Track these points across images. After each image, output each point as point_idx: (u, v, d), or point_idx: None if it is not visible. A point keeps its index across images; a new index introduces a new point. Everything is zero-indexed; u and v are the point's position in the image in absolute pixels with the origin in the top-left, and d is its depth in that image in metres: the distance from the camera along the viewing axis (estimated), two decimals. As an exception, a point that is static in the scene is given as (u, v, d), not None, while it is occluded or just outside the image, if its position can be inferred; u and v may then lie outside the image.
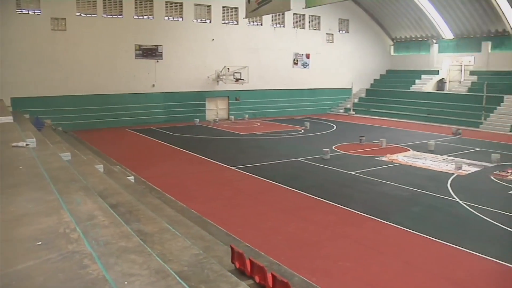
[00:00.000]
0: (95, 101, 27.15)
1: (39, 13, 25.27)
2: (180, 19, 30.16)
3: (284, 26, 34.54)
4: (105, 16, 27.44)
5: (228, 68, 31.13)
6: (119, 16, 27.92)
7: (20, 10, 24.81)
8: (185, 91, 30.45)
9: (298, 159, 18.01)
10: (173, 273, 2.81)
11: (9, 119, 9.19)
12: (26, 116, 18.23)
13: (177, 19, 30.09)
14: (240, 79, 31.07)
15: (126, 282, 2.51)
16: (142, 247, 3.16)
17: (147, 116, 29.00)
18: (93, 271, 2.38)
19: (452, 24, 34.62)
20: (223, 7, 31.71)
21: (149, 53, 28.93)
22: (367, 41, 39.06)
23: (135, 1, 28.39)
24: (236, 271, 6.00)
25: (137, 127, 27.23)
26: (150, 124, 28.18)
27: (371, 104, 35.92)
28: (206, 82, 31.38)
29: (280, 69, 34.24)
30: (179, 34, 29.86)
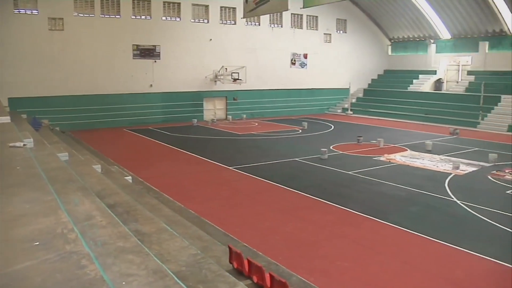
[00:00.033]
0: (92, 101, 27.10)
1: (36, 13, 25.21)
2: (178, 19, 30.13)
3: (282, 26, 34.56)
4: (103, 16, 27.40)
5: (226, 68, 31.11)
6: (116, 16, 27.88)
7: (17, 10, 24.74)
8: (183, 91, 30.43)
9: (296, 159, 18.01)
10: (171, 273, 2.81)
11: (7, 119, 9.18)
12: (24, 116, 18.22)
13: (175, 19, 30.06)
14: (238, 79, 31.05)
15: (124, 283, 2.51)
16: (140, 247, 3.16)
17: (145, 116, 28.96)
18: (91, 272, 2.38)
19: (449, 24, 34.70)
20: (221, 7, 31.70)
21: (147, 53, 28.89)
22: (364, 41, 39.10)
23: (133, 1, 28.34)
24: (234, 271, 5.98)
25: (135, 127, 27.19)
26: (148, 124, 28.15)
27: (368, 104, 35.95)
28: (204, 82, 31.37)
29: (278, 69, 34.25)
30: (176, 34, 29.84)
